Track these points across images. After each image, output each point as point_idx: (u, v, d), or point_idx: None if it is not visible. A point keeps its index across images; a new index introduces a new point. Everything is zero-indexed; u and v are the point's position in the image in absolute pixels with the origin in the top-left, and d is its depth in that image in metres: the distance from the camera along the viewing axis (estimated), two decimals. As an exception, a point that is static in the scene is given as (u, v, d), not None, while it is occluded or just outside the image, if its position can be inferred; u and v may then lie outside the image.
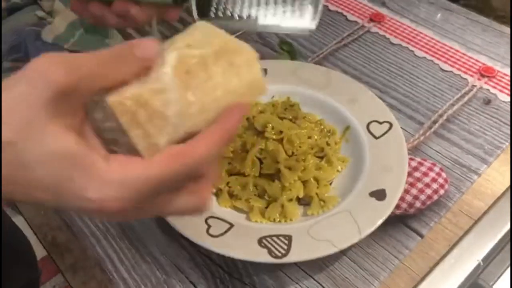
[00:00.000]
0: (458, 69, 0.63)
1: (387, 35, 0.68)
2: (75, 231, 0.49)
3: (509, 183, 0.51)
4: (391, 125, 0.50)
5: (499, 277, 0.47)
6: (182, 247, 0.47)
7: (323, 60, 0.65)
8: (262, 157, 0.47)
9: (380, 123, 0.51)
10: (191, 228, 0.43)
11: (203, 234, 0.42)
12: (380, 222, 0.42)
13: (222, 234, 0.42)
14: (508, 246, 0.49)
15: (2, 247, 0.50)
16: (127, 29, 0.70)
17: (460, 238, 0.47)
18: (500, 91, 0.60)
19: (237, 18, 0.42)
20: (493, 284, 0.47)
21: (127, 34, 0.69)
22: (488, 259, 0.47)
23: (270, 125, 0.48)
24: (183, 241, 0.47)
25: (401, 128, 0.50)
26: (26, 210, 0.54)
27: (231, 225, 0.43)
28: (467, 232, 0.48)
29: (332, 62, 0.65)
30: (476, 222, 0.48)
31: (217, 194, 0.48)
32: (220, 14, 0.42)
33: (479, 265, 0.45)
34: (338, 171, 0.49)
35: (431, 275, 0.45)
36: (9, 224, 0.56)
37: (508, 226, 0.48)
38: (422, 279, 0.44)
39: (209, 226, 0.43)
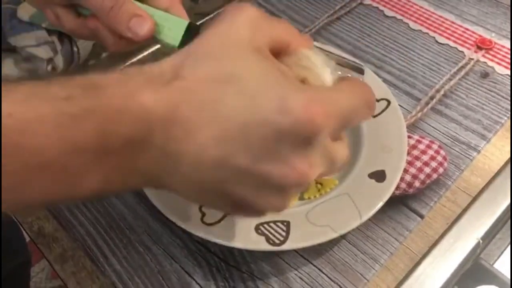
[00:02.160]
0: (455, 42, 0.61)
1: (381, 7, 0.66)
2: (63, 221, 0.47)
3: (506, 158, 0.50)
4: (388, 102, 0.49)
5: (500, 256, 0.47)
6: (176, 235, 0.45)
7: (315, 35, 0.62)
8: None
9: (377, 100, 0.49)
10: (184, 216, 0.41)
11: (198, 223, 0.40)
12: (380, 204, 0.41)
13: (217, 222, 0.41)
14: (508, 224, 0.48)
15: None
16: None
17: (459, 217, 0.46)
18: (498, 63, 0.58)
19: None
20: (494, 263, 0.46)
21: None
22: (488, 237, 0.46)
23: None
24: (176, 229, 0.45)
25: (398, 105, 0.49)
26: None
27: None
28: (465, 210, 0.47)
29: (325, 37, 0.62)
30: (474, 199, 0.47)
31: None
32: None
33: (478, 243, 0.45)
34: (335, 152, 0.48)
35: (431, 255, 0.44)
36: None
37: (507, 203, 0.47)
38: (422, 259, 0.43)
39: (203, 214, 0.41)
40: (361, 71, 0.34)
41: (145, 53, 0.62)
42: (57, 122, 0.23)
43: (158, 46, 0.62)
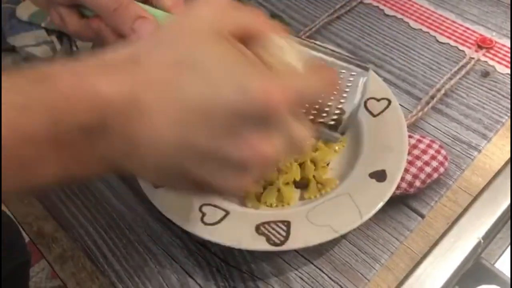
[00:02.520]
0: (455, 41, 0.61)
1: (381, 6, 0.66)
2: (61, 222, 0.47)
3: (507, 158, 0.50)
4: (389, 102, 0.48)
5: (500, 255, 0.47)
6: (176, 235, 0.45)
7: (315, 34, 0.62)
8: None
9: (378, 100, 0.49)
10: (184, 217, 0.41)
11: (198, 223, 0.40)
12: (381, 204, 0.41)
13: (217, 222, 0.40)
14: (509, 223, 0.48)
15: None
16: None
17: (459, 216, 0.46)
18: (499, 62, 0.58)
19: None
20: (494, 262, 0.46)
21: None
22: (489, 236, 0.46)
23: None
24: (176, 229, 0.45)
25: (399, 104, 0.49)
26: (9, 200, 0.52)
27: (227, 212, 0.41)
28: (466, 209, 0.47)
29: (325, 36, 0.62)
30: (475, 199, 0.47)
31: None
32: None
33: (479, 243, 0.45)
34: (335, 151, 0.48)
35: (432, 254, 0.44)
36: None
37: (508, 202, 0.47)
38: (422, 259, 0.43)
39: (203, 214, 0.41)
40: (365, 69, 0.35)
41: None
42: (8, 114, 0.23)
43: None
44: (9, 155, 0.23)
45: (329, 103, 0.33)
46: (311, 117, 0.34)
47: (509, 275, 0.44)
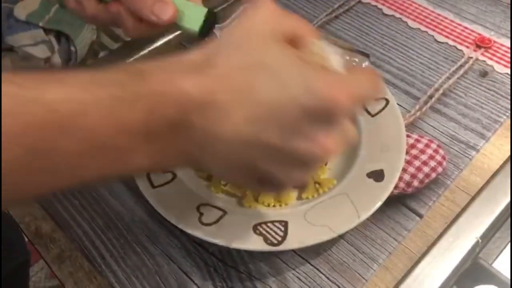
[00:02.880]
0: (453, 40, 0.60)
1: (379, 5, 0.65)
2: (59, 222, 0.47)
3: (505, 157, 0.50)
4: (387, 101, 0.48)
5: (498, 255, 0.47)
6: (173, 235, 0.45)
7: (313, 34, 0.62)
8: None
9: (376, 99, 0.49)
10: (182, 217, 0.41)
11: (195, 223, 0.40)
12: (379, 204, 0.41)
13: (215, 222, 0.40)
14: (508, 223, 0.48)
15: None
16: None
17: (458, 216, 0.46)
18: (497, 62, 0.58)
19: None
20: (492, 262, 0.46)
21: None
22: (487, 236, 0.46)
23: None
24: (174, 229, 0.45)
25: (397, 104, 0.49)
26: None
27: (224, 212, 0.41)
28: (464, 209, 0.46)
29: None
30: (473, 198, 0.47)
31: (209, 178, 0.46)
32: None
33: (477, 242, 0.44)
34: (333, 151, 0.48)
35: (430, 254, 0.43)
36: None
37: (507, 202, 0.47)
38: (420, 258, 0.43)
39: (201, 214, 0.41)
40: (366, 55, 0.37)
41: (138, 55, 0.62)
42: (110, 105, 0.25)
43: (157, 44, 0.63)
44: (111, 144, 0.26)
45: None
46: None
47: (507, 275, 0.44)
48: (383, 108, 0.48)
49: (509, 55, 0.58)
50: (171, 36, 0.64)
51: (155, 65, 0.28)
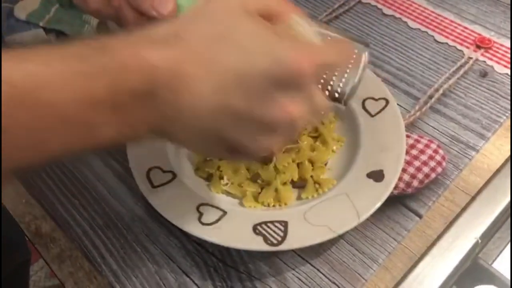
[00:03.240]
0: (453, 41, 0.60)
1: (379, 6, 0.65)
2: (59, 221, 0.47)
3: (505, 158, 0.50)
4: (387, 101, 0.48)
5: (498, 255, 0.47)
6: (173, 235, 0.45)
7: (313, 34, 0.62)
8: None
9: (376, 100, 0.49)
10: (182, 216, 0.41)
11: (195, 223, 0.40)
12: (379, 204, 0.41)
13: (215, 222, 0.40)
14: (508, 223, 0.48)
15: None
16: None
17: (457, 216, 0.46)
18: (497, 62, 0.58)
19: None
20: (492, 263, 0.46)
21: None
22: (487, 236, 0.46)
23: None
24: (173, 229, 0.45)
25: (397, 104, 0.49)
26: (7, 199, 0.52)
27: (224, 212, 0.41)
28: (464, 209, 0.46)
29: (323, 36, 0.62)
30: (473, 198, 0.47)
31: (208, 179, 0.46)
32: None
33: (477, 243, 0.44)
34: (333, 151, 0.48)
35: (429, 254, 0.43)
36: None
37: (506, 202, 0.47)
38: (420, 259, 0.43)
39: (201, 214, 0.41)
40: (366, 44, 0.37)
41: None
42: (73, 80, 0.26)
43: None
44: (75, 118, 0.26)
45: (335, 74, 0.37)
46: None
47: (507, 275, 0.44)
48: (383, 108, 0.48)
49: (509, 55, 0.58)
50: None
51: (121, 38, 0.28)
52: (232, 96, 0.29)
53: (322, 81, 0.36)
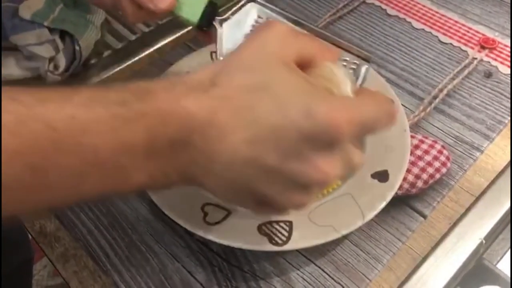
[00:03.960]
0: (458, 41, 0.60)
1: (383, 6, 0.65)
2: (64, 221, 0.47)
3: (510, 158, 0.50)
4: (391, 102, 0.48)
5: (502, 256, 0.47)
6: (178, 235, 0.45)
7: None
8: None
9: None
10: (187, 216, 0.41)
11: (200, 223, 0.40)
12: (383, 204, 0.41)
13: (219, 222, 0.41)
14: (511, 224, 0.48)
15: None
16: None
17: (462, 217, 0.46)
18: (501, 63, 0.58)
19: None
20: (496, 263, 0.46)
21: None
22: (491, 237, 0.46)
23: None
24: (178, 229, 0.45)
25: (401, 104, 0.49)
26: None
27: (229, 212, 0.41)
28: (468, 210, 0.46)
29: (327, 36, 0.62)
30: (477, 199, 0.47)
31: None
32: None
33: (481, 243, 0.44)
34: (337, 151, 0.48)
35: (433, 255, 0.44)
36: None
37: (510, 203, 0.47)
38: (424, 259, 0.43)
39: (205, 214, 0.41)
40: (368, 59, 0.36)
41: (142, 55, 0.62)
42: (112, 124, 0.26)
43: (162, 43, 0.63)
44: (110, 162, 0.26)
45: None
46: None
47: (511, 276, 0.44)
48: (388, 109, 0.48)
49: (513, 56, 0.58)
50: (175, 36, 0.64)
51: (159, 84, 0.28)
52: (264, 149, 0.28)
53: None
